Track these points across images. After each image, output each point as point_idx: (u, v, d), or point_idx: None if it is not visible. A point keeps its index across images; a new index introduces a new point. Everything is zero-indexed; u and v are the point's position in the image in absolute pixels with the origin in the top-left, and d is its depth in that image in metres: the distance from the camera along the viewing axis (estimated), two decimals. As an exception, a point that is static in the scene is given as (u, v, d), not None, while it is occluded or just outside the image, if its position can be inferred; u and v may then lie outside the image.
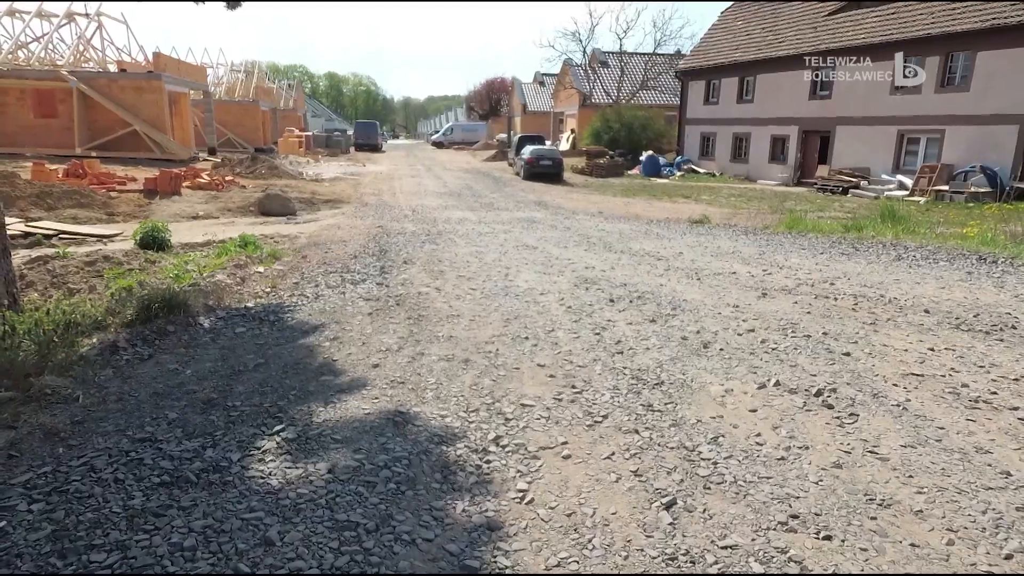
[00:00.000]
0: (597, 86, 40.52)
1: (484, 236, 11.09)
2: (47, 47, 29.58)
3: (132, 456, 3.18)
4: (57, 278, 8.18)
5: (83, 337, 5.28)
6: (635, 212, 15.80)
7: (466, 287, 6.98)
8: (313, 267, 8.23)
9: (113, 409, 3.74)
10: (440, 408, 3.87)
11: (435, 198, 18.64)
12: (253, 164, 25.91)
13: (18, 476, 2.95)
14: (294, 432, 3.48)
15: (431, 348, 4.93)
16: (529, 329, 5.44)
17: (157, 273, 8.20)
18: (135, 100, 27.23)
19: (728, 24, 29.98)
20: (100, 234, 11.43)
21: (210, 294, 6.48)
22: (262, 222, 13.83)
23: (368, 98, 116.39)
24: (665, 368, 4.57)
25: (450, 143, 61.15)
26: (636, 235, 11.38)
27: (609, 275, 7.67)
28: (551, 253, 9.22)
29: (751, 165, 26.90)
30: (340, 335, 5.24)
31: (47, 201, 14.06)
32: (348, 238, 10.75)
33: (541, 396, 4.08)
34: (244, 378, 4.27)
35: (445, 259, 8.67)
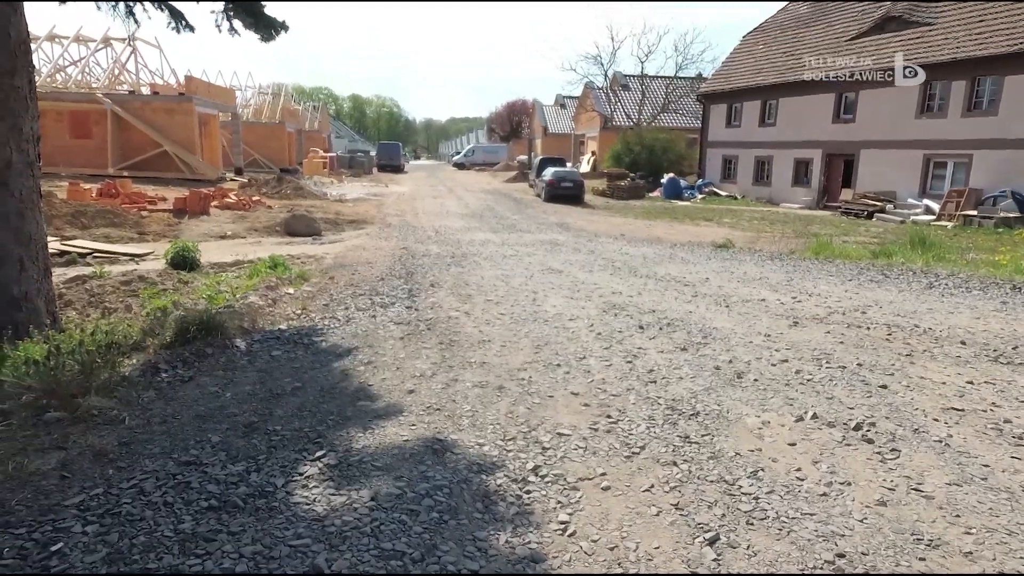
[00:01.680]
0: (618, 109, 40.76)
1: (509, 259, 11.15)
2: (84, 70, 30.56)
3: (179, 479, 3.24)
4: (94, 297, 8.38)
5: (124, 358, 5.40)
6: (657, 235, 15.80)
7: (495, 312, 7.03)
8: (341, 289, 8.34)
9: (158, 431, 3.82)
10: (477, 436, 3.89)
11: (458, 219, 18.81)
12: (279, 184, 26.40)
13: (71, 497, 3.02)
14: (335, 458, 3.52)
15: (464, 374, 4.96)
16: (560, 356, 5.46)
17: (190, 294, 8.36)
18: (166, 122, 27.95)
19: (750, 48, 30.10)
20: (132, 253, 11.69)
21: (244, 316, 6.59)
22: (288, 242, 14.04)
23: (391, 119, 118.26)
24: (700, 398, 4.56)
25: (471, 164, 61.77)
26: (660, 259, 11.37)
27: (637, 301, 7.67)
28: (577, 277, 9.25)
29: (774, 188, 26.81)
30: (374, 359, 5.30)
31: (81, 220, 14.43)
32: (374, 259, 10.87)
33: (577, 425, 4.08)
34: (283, 402, 4.34)
35: (472, 282, 8.73)
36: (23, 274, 6.39)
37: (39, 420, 3.92)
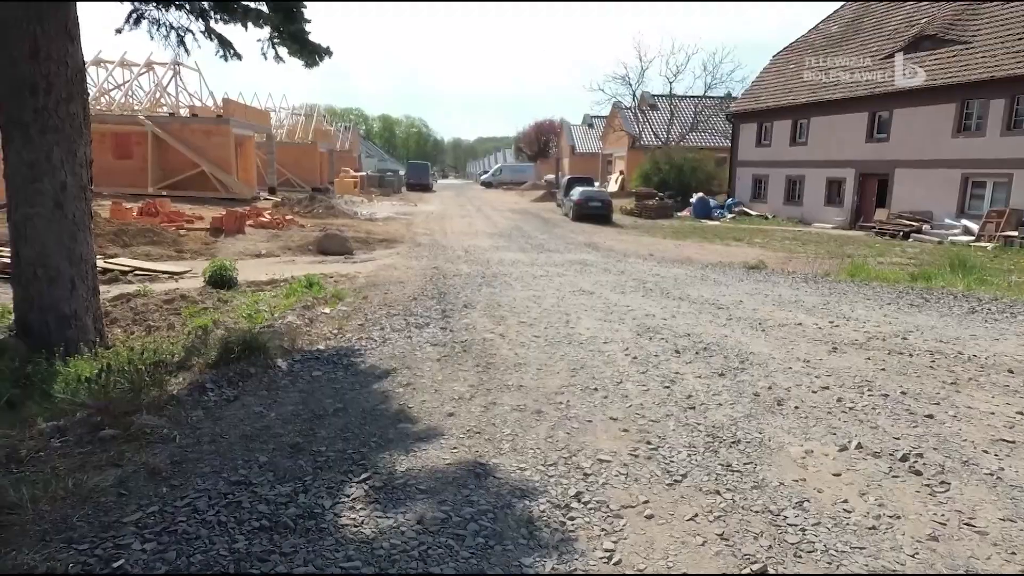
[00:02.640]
0: (646, 128, 40.82)
1: (539, 279, 11.20)
2: (127, 94, 31.66)
3: (230, 498, 3.32)
4: (138, 315, 8.63)
5: (170, 376, 5.55)
6: (687, 255, 15.73)
7: (529, 334, 7.06)
8: (375, 308, 8.46)
9: (207, 450, 3.92)
10: (518, 460, 3.91)
11: (486, 239, 18.95)
12: (311, 204, 26.92)
13: (129, 515, 3.12)
14: (380, 480, 3.58)
15: (502, 397, 5.00)
16: (597, 380, 5.47)
17: (230, 312, 8.56)
18: (204, 143, 28.75)
19: (780, 67, 29.98)
20: (171, 271, 12.02)
21: (284, 336, 6.74)
22: (321, 261, 14.30)
23: (419, 139, 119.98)
24: (740, 426, 4.52)
25: (499, 183, 62.23)
26: (692, 281, 11.31)
27: (671, 324, 7.65)
28: (609, 299, 9.25)
29: (805, 208, 26.50)
30: (412, 381, 5.37)
31: (123, 238, 14.88)
32: (405, 279, 11.01)
33: (617, 451, 4.08)
34: (326, 423, 4.42)
35: (504, 303, 8.79)
36: (74, 293, 6.64)
37: (95, 437, 4.05)
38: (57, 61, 6.21)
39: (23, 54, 6.07)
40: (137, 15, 6.61)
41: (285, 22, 7.10)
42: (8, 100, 6.17)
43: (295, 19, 7.16)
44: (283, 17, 7.06)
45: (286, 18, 7.07)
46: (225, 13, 6.90)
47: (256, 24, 7.08)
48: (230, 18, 6.96)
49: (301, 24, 7.21)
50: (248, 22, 6.99)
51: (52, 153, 6.30)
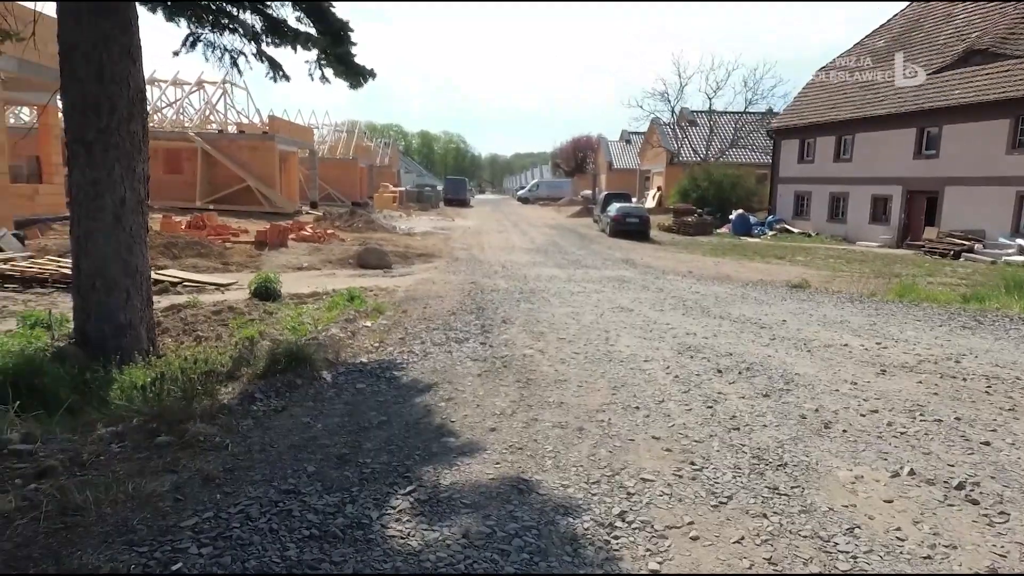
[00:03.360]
0: (685, 144, 40.57)
1: (576, 296, 11.20)
2: (178, 111, 32.93)
3: (281, 507, 3.41)
4: (188, 325, 8.91)
5: (220, 386, 5.73)
6: (726, 273, 15.53)
7: (568, 350, 7.07)
8: (415, 322, 8.57)
9: (258, 459, 4.03)
10: (561, 477, 3.92)
11: (523, 254, 19.03)
12: (351, 218, 27.47)
13: (186, 519, 3.23)
14: (425, 493, 3.62)
15: (544, 414, 5.01)
16: (639, 399, 5.44)
17: (275, 324, 8.77)
18: (250, 158, 29.66)
19: (823, 82, 29.52)
20: (217, 283, 12.38)
21: (328, 348, 6.88)
22: (361, 274, 14.55)
23: (457, 155, 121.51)
24: (786, 448, 4.44)
25: (535, 199, 62.51)
26: (733, 299, 11.16)
27: (712, 343, 7.56)
28: (648, 317, 9.19)
29: (850, 225, 25.93)
30: (454, 396, 5.43)
31: (173, 251, 15.41)
32: (444, 293, 11.12)
33: (660, 471, 4.05)
34: (370, 435, 4.50)
35: (543, 320, 8.81)
36: (129, 303, 6.92)
37: (151, 443, 4.21)
38: (120, 83, 6.53)
39: (89, 76, 6.40)
40: (194, 39, 6.91)
41: (332, 45, 7.33)
42: (74, 120, 6.51)
43: (342, 42, 7.38)
44: (331, 40, 7.29)
45: (333, 41, 7.30)
46: (276, 36, 7.16)
47: (304, 47, 7.33)
48: (281, 41, 7.22)
49: (347, 47, 7.43)
50: (297, 45, 7.24)
51: (113, 170, 6.60)
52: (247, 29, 7.00)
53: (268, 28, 7.08)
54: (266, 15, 7.02)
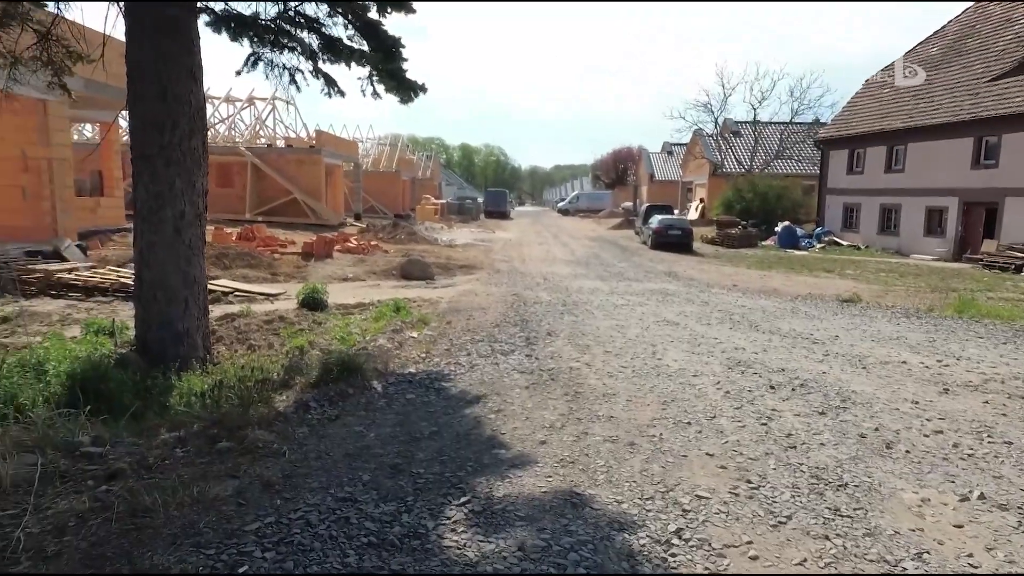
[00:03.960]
0: (729, 155, 39.99)
1: (620, 308, 11.11)
2: (230, 127, 34.08)
3: (339, 514, 3.47)
4: (241, 334, 9.17)
5: (274, 393, 5.87)
6: (774, 286, 15.20)
7: (615, 364, 7.02)
8: (460, 334, 8.63)
9: (315, 467, 4.11)
10: (614, 492, 3.89)
11: (564, 266, 19.00)
12: (394, 230, 27.91)
13: (249, 524, 3.31)
14: (479, 505, 3.64)
15: (593, 428, 4.99)
16: (690, 414, 5.36)
17: (324, 334, 8.96)
18: (297, 172, 30.45)
19: (873, 92, 28.78)
20: (267, 292, 12.70)
21: (377, 358, 6.99)
22: (404, 286, 14.73)
23: (497, 167, 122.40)
24: (846, 468, 4.31)
25: (575, 211, 62.47)
26: (782, 313, 10.92)
27: (763, 358, 7.40)
28: (695, 331, 9.06)
29: (902, 238, 25.11)
30: (503, 408, 5.44)
31: (224, 261, 15.90)
32: (486, 305, 11.18)
33: (715, 488, 3.98)
34: (422, 445, 4.54)
35: (588, 332, 8.77)
36: (187, 312, 7.16)
37: (212, 448, 4.33)
38: (182, 101, 6.81)
39: (153, 95, 6.69)
40: (256, 58, 7.18)
41: (385, 61, 7.50)
42: (139, 137, 6.80)
43: (394, 58, 7.56)
44: (383, 57, 7.46)
45: (386, 57, 7.47)
46: (332, 54, 7.37)
47: (359, 63, 7.53)
48: (336, 58, 7.43)
49: (399, 63, 7.61)
50: (352, 62, 7.44)
51: (174, 184, 6.87)
52: (305, 47, 7.23)
53: (324, 46, 7.30)
54: (322, 34, 7.25)
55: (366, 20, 7.22)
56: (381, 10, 7.25)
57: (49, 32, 7.30)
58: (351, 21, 7.31)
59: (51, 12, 7.18)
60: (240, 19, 6.86)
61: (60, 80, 7.73)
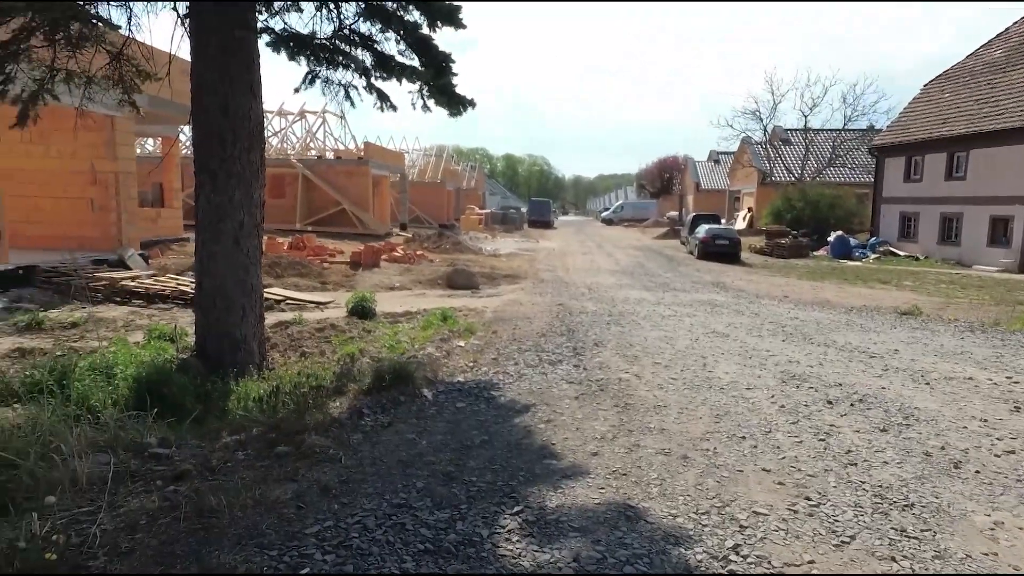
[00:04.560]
0: (778, 164, 39.15)
1: (668, 319, 10.98)
2: (282, 139, 35.14)
3: (394, 520, 3.53)
4: (294, 341, 9.40)
5: (328, 400, 6.01)
6: (826, 298, 14.77)
7: (665, 376, 6.94)
8: (506, 343, 8.66)
9: (369, 472, 4.19)
10: (668, 506, 3.84)
11: (609, 276, 18.88)
12: (439, 240, 28.25)
13: (309, 527, 3.40)
14: (532, 515, 3.65)
15: (645, 440, 4.94)
16: (744, 428, 5.25)
17: (373, 342, 9.12)
18: (345, 182, 31.14)
19: (932, 97, 27.79)
20: (317, 301, 13.00)
21: (426, 366, 7.08)
22: (449, 295, 14.87)
23: (541, 177, 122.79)
24: (911, 488, 4.16)
25: (619, 220, 62.08)
26: (836, 326, 10.60)
27: (818, 372, 7.20)
28: (746, 343, 8.88)
29: (964, 248, 24.07)
30: (552, 418, 5.44)
31: (276, 270, 16.36)
32: (532, 315, 11.19)
33: (773, 505, 3.89)
34: (473, 454, 4.58)
35: (635, 343, 8.70)
36: (244, 320, 7.39)
37: (271, 452, 4.46)
38: (242, 116, 7.07)
39: (216, 111, 6.97)
40: (312, 75, 7.42)
41: (436, 77, 7.64)
42: (202, 150, 7.09)
43: (444, 73, 7.69)
44: (434, 72, 7.60)
45: (437, 73, 7.61)
46: (385, 71, 7.55)
47: (410, 79, 7.69)
48: (388, 75, 7.61)
49: (449, 78, 7.73)
50: (404, 78, 7.61)
51: (234, 196, 7.12)
52: (359, 65, 7.43)
53: (377, 63, 7.48)
54: (376, 51, 7.43)
55: (418, 36, 7.37)
56: (432, 26, 7.40)
57: (121, 52, 7.70)
58: (403, 37, 7.48)
59: (123, 34, 7.56)
60: (298, 39, 7.11)
61: (130, 98, 8.14)
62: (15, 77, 7.29)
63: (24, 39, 6.98)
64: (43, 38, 7.03)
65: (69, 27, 7.04)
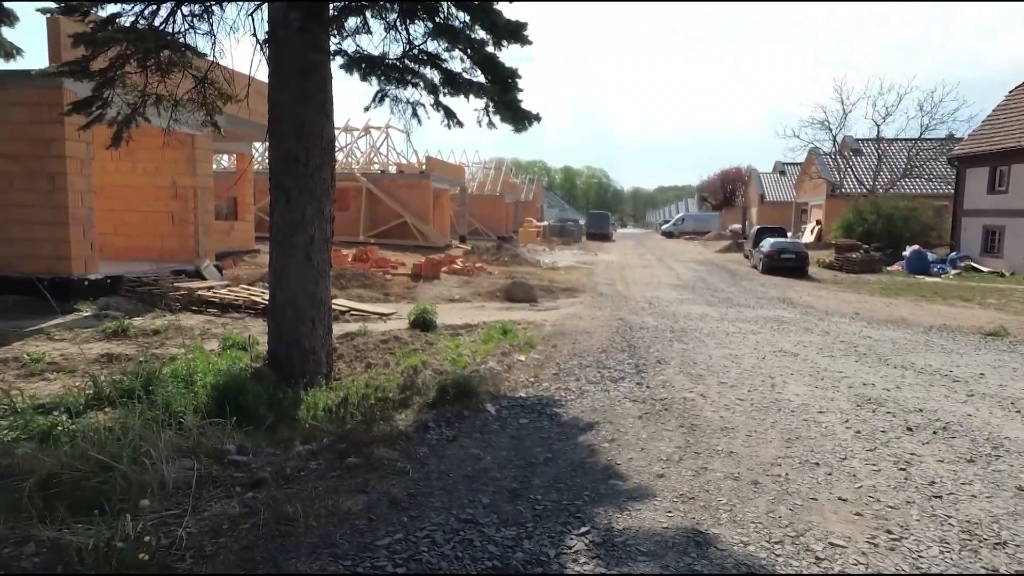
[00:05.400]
0: (848, 175, 37.68)
1: (732, 336, 10.71)
2: (347, 154, 36.29)
3: (462, 535, 3.57)
4: (360, 352, 9.65)
5: (394, 412, 6.14)
6: (901, 316, 14.08)
7: (732, 396, 6.77)
8: (566, 358, 8.64)
9: (436, 486, 4.26)
10: (739, 533, 3.74)
11: (669, 290, 18.57)
12: (497, 252, 28.46)
13: (380, 539, 3.49)
14: (599, 536, 3.62)
15: (713, 463, 4.83)
16: (817, 454, 5.07)
17: (435, 355, 9.26)
18: (407, 196, 31.85)
19: (1019, 103, 26.23)
20: (380, 312, 13.31)
21: (488, 381, 7.14)
22: (508, 307, 14.93)
23: (600, 189, 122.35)
24: (1004, 525, 3.91)
25: (680, 233, 61.09)
26: (914, 346, 10.09)
27: (896, 396, 6.88)
28: (817, 363, 8.57)
29: (1056, 265, 22.53)
30: (616, 437, 5.40)
31: (341, 281, 16.82)
32: (591, 329, 11.12)
33: (851, 537, 3.73)
34: (538, 471, 4.59)
35: (699, 361, 8.52)
36: (313, 331, 7.64)
37: (342, 463, 4.59)
38: (315, 136, 7.36)
39: (291, 131, 7.28)
40: (382, 95, 7.66)
41: (501, 93, 7.75)
42: (278, 168, 7.41)
43: (510, 89, 7.79)
44: (500, 89, 7.72)
45: (503, 89, 7.72)
46: (452, 88, 7.72)
47: (476, 96, 7.82)
48: (455, 92, 7.77)
49: (515, 94, 7.82)
50: (470, 94, 7.75)
51: (306, 212, 7.40)
52: (427, 83, 7.63)
53: (445, 81, 7.66)
54: (443, 69, 7.61)
55: (484, 54, 7.50)
56: (497, 43, 7.52)
57: (205, 76, 8.17)
58: (469, 55, 7.63)
59: (208, 59, 8.02)
60: (370, 60, 7.35)
61: (212, 118, 8.61)
62: (111, 101, 7.83)
63: (120, 66, 7.50)
64: (136, 65, 7.54)
65: (160, 54, 7.52)
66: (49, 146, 11.91)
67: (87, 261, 12.51)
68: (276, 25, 7.09)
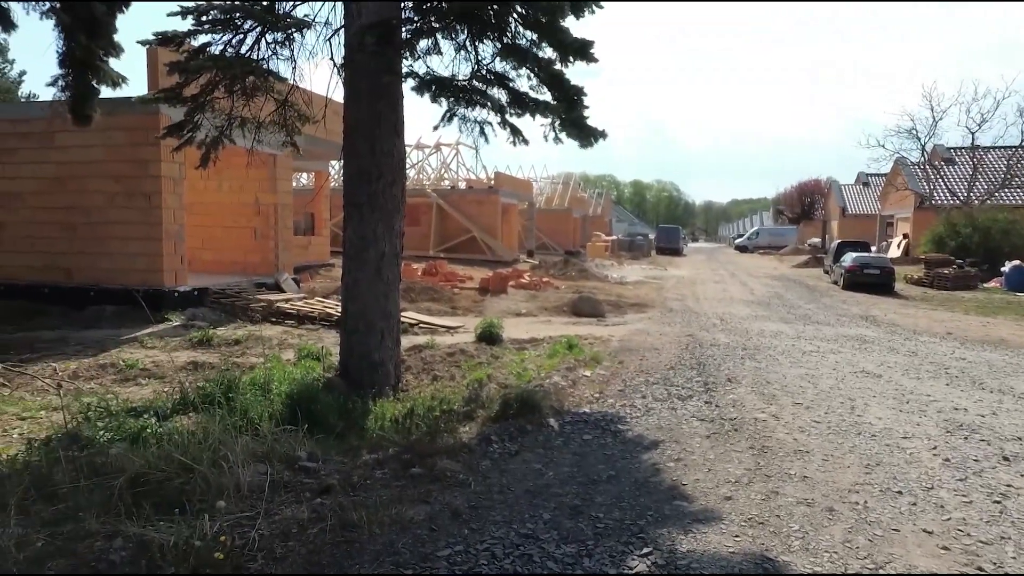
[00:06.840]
0: (939, 186, 35.48)
1: (809, 355, 10.25)
2: (419, 171, 37.28)
3: (522, 550, 3.57)
4: (427, 365, 9.83)
5: (458, 424, 6.22)
6: (1000, 336, 13.07)
7: (807, 418, 6.47)
8: (632, 374, 8.50)
9: (497, 500, 4.28)
10: (812, 562, 3.56)
11: (742, 306, 17.98)
12: (565, 266, 28.41)
13: (441, 550, 3.53)
14: (662, 558, 3.54)
15: (785, 487, 4.63)
16: (900, 482, 4.77)
17: (500, 368, 9.32)
18: (476, 211, 32.35)
19: None
20: (447, 325, 13.52)
21: (552, 396, 7.12)
22: (575, 322, 14.84)
23: (670, 203, 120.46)
24: (1117, 567, 3.56)
25: (755, 247, 59.22)
26: (1014, 369, 9.35)
27: (991, 423, 6.39)
28: (902, 385, 8.08)
29: None
30: (682, 457, 5.26)
31: (410, 295, 17.22)
32: (659, 345, 10.90)
33: (937, 572, 3.49)
34: (600, 489, 4.53)
35: (773, 381, 8.20)
36: (382, 343, 7.85)
37: (406, 473, 4.69)
38: (387, 154, 7.62)
39: (364, 150, 7.55)
40: (451, 114, 7.86)
41: (568, 111, 7.80)
42: (351, 186, 7.70)
43: (576, 107, 7.83)
44: (567, 106, 7.76)
45: (569, 107, 7.76)
46: (519, 107, 7.84)
47: (543, 114, 7.90)
48: (522, 111, 7.88)
49: (581, 111, 7.85)
50: (537, 113, 7.84)
51: (377, 227, 7.65)
52: (494, 103, 7.77)
53: (512, 100, 7.79)
54: (510, 88, 7.74)
55: (550, 72, 7.58)
56: (564, 61, 7.58)
57: (286, 100, 8.62)
58: (536, 74, 7.73)
59: (289, 83, 8.47)
60: (440, 81, 7.57)
61: (291, 139, 9.07)
62: (201, 124, 8.39)
63: (209, 92, 8.03)
64: (224, 90, 8.06)
65: (245, 80, 8.00)
66: (146, 167, 12.86)
67: (177, 274, 13.36)
68: (352, 49, 7.41)
